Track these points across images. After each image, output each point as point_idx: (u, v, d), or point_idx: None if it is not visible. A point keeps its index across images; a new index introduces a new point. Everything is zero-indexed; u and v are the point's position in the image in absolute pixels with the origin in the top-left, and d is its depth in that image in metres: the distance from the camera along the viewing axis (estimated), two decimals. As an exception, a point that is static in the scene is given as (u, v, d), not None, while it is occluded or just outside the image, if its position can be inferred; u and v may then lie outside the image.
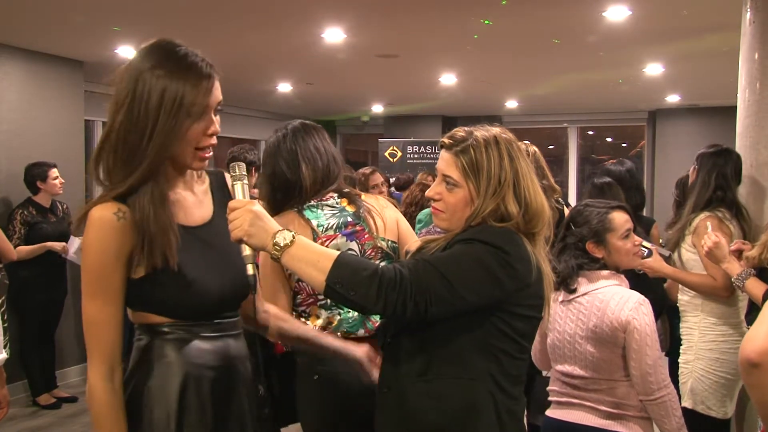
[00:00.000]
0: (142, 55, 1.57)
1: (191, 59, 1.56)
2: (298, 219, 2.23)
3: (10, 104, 5.46)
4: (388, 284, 1.50)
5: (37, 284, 5.10)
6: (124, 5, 4.29)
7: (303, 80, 7.38)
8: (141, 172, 1.53)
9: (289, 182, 2.28)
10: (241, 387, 1.66)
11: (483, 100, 8.91)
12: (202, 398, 1.58)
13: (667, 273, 3.13)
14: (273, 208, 2.26)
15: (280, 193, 2.29)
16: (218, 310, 1.64)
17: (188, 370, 1.58)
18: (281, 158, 2.30)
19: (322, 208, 2.26)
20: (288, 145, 2.30)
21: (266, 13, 4.48)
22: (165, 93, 1.51)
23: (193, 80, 1.53)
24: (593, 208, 2.41)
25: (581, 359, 2.31)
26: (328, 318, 2.22)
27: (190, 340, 1.59)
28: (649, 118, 9.88)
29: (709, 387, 3.06)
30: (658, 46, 5.49)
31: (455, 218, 1.73)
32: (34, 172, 5.15)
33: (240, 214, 1.53)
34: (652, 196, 9.43)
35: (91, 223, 1.52)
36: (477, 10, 4.44)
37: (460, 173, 1.70)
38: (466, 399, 1.65)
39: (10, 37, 5.24)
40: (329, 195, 2.30)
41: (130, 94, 1.53)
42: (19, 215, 5.01)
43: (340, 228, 2.24)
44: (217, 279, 1.61)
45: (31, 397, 5.28)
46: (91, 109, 6.28)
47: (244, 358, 1.69)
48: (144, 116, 1.52)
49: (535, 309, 1.70)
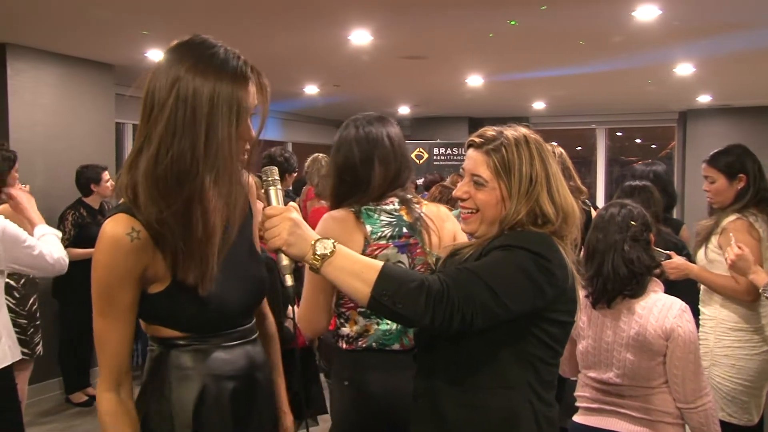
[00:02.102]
0: (176, 54, 1.44)
1: (228, 63, 1.44)
2: (354, 221, 2.11)
3: (45, 108, 5.56)
4: (436, 296, 1.44)
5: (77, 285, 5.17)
6: (151, 9, 4.35)
7: (330, 82, 7.41)
8: (198, 183, 1.40)
9: (358, 177, 2.14)
10: (260, 396, 1.62)
11: (510, 101, 8.86)
12: (222, 411, 1.53)
13: (693, 272, 3.04)
14: (335, 203, 2.18)
15: (346, 187, 2.16)
16: (237, 320, 1.58)
17: (206, 382, 1.52)
18: (355, 151, 2.15)
19: (380, 214, 2.14)
20: (364, 137, 2.16)
21: (293, 15, 4.51)
22: (219, 95, 1.39)
23: (241, 82, 1.43)
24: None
25: (618, 366, 2.27)
26: (365, 326, 2.15)
27: (208, 350, 1.53)
28: (680, 119, 9.74)
29: (728, 394, 2.98)
30: (689, 45, 5.41)
31: (486, 218, 1.68)
32: (89, 174, 5.20)
33: (278, 222, 1.45)
34: (683, 198, 9.29)
35: (102, 239, 1.42)
36: (504, 11, 4.42)
37: (491, 172, 1.66)
38: (506, 408, 1.61)
39: (44, 42, 5.35)
40: (391, 199, 2.17)
41: (172, 93, 1.39)
42: (70, 216, 5.08)
43: (394, 238, 2.12)
44: (235, 289, 1.54)
45: (64, 395, 5.38)
46: (121, 111, 6.38)
47: (262, 364, 1.65)
48: (191, 116, 1.38)
49: (570, 314, 1.67)
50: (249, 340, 1.62)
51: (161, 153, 1.40)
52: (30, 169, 5.11)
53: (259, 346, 1.67)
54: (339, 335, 2.19)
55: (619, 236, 2.30)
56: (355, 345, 2.14)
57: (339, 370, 2.19)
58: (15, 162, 4.08)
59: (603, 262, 2.29)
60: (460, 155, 9.49)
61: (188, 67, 1.41)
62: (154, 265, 1.45)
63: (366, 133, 2.16)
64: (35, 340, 4.11)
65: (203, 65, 1.41)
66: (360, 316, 2.14)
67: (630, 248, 2.28)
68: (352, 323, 2.16)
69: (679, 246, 3.26)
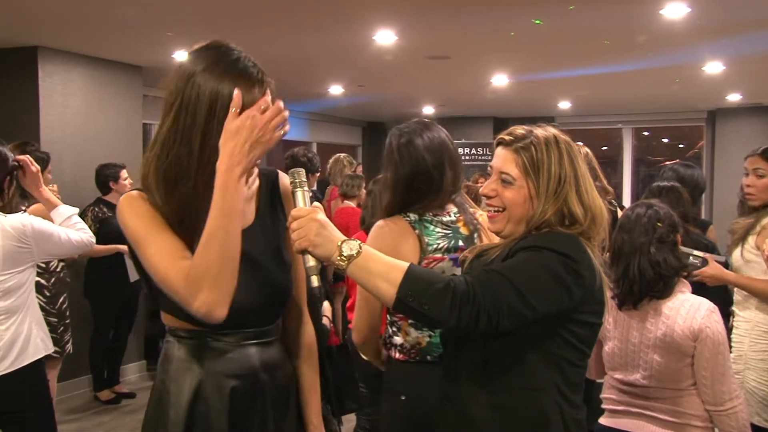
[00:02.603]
0: (194, 56, 1.50)
1: (243, 63, 1.48)
2: (411, 231, 2.08)
3: (75, 109, 5.65)
4: (462, 297, 1.44)
5: (108, 285, 5.26)
6: (176, 9, 4.40)
7: (354, 82, 7.42)
8: (190, 187, 1.46)
9: (431, 183, 2.11)
10: (267, 398, 1.60)
11: (535, 101, 8.81)
12: (219, 408, 1.54)
13: (729, 280, 2.94)
14: (393, 210, 2.14)
15: (415, 195, 2.12)
16: (247, 319, 1.57)
17: (203, 377, 1.54)
18: (427, 156, 2.12)
19: (436, 225, 2.11)
20: (430, 143, 2.13)
21: (318, 16, 4.52)
22: (217, 95, 1.44)
23: (245, 84, 1.45)
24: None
25: (645, 368, 2.25)
26: (417, 338, 2.12)
27: (208, 346, 1.55)
28: (708, 118, 9.61)
29: (764, 399, 2.89)
30: (718, 43, 5.33)
31: (513, 217, 1.67)
32: (107, 172, 5.30)
33: (304, 224, 1.45)
34: (711, 198, 9.17)
35: (121, 205, 1.51)
36: (529, 10, 4.40)
37: (519, 171, 1.65)
38: (534, 411, 1.60)
39: (74, 45, 5.43)
40: (448, 209, 2.15)
41: (179, 97, 1.47)
42: (90, 212, 5.18)
43: (450, 251, 2.09)
44: (247, 289, 1.52)
45: (92, 392, 5.46)
46: (148, 112, 6.45)
47: (273, 367, 1.62)
48: (191, 121, 1.45)
49: (597, 315, 1.65)
50: (262, 342, 1.61)
51: (162, 154, 1.49)
52: (60, 168, 5.20)
53: (275, 350, 1.64)
54: (391, 344, 2.16)
55: (645, 238, 2.27)
56: (408, 356, 2.12)
57: (393, 383, 2.15)
58: (48, 163, 4.15)
59: (629, 264, 2.26)
60: (485, 155, 9.46)
61: (201, 69, 1.46)
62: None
63: (431, 139, 2.15)
64: (65, 339, 4.18)
65: (211, 68, 1.46)
66: (411, 327, 2.11)
67: (656, 250, 2.25)
68: (404, 334, 2.13)
69: (709, 247, 3.20)
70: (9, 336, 2.63)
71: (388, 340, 2.18)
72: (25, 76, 5.37)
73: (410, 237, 2.08)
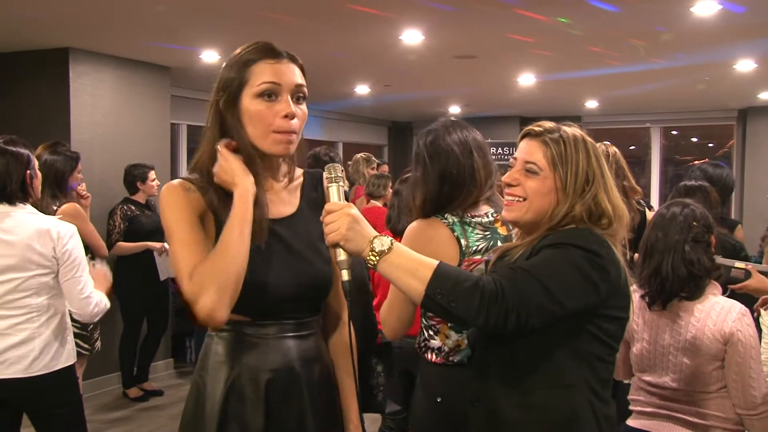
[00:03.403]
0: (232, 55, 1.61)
1: (268, 44, 1.58)
2: (449, 233, 2.06)
3: (105, 109, 5.73)
4: (490, 296, 1.44)
5: (138, 281, 5.33)
6: (205, 11, 4.43)
7: (381, 82, 7.43)
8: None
9: (462, 180, 2.09)
10: (304, 392, 1.61)
11: (562, 100, 8.74)
12: (254, 401, 1.55)
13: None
14: (431, 211, 2.12)
15: (448, 191, 2.10)
16: (282, 309, 1.59)
17: (239, 371, 1.57)
18: (458, 153, 2.10)
19: (475, 227, 2.09)
20: (463, 140, 2.13)
21: (345, 16, 4.54)
22: (232, 72, 1.56)
23: (261, 57, 1.56)
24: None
25: (674, 370, 2.22)
26: (457, 341, 2.09)
27: (245, 339, 1.58)
28: (739, 117, 9.45)
29: None
30: (750, 40, 5.25)
31: (533, 207, 1.66)
32: (135, 173, 5.39)
33: (337, 218, 1.46)
34: (741, 198, 9.03)
35: (162, 195, 1.57)
36: (554, 9, 4.36)
37: (547, 162, 1.65)
38: (566, 408, 1.60)
39: (104, 46, 5.51)
40: (485, 210, 2.12)
41: (212, 105, 1.59)
42: (119, 211, 5.27)
43: (489, 252, 2.04)
44: (281, 276, 1.56)
45: (122, 389, 5.53)
46: (175, 112, 6.52)
47: (310, 360, 1.64)
48: (214, 105, 1.58)
49: (624, 310, 1.65)
50: (299, 335, 1.62)
51: (199, 150, 1.62)
52: (89, 168, 5.27)
53: (313, 343, 1.66)
54: (428, 347, 2.14)
55: (680, 236, 2.24)
56: (446, 359, 2.10)
57: (430, 386, 2.14)
58: (78, 162, 4.21)
59: (662, 261, 2.24)
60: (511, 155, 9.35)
61: (232, 56, 1.59)
62: (207, 221, 1.56)
63: (459, 135, 2.14)
64: (94, 336, 4.24)
65: (243, 51, 1.59)
66: (451, 330, 2.09)
67: (691, 249, 2.22)
68: (442, 336, 2.11)
69: (737, 247, 3.15)
70: (46, 335, 2.67)
71: (424, 343, 2.16)
72: (57, 77, 5.46)
73: (449, 240, 2.06)
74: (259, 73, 1.55)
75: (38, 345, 2.65)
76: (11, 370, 2.61)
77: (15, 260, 2.61)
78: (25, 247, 2.62)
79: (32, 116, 5.51)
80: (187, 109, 7.18)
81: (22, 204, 2.69)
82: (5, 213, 2.65)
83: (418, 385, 2.20)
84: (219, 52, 5.58)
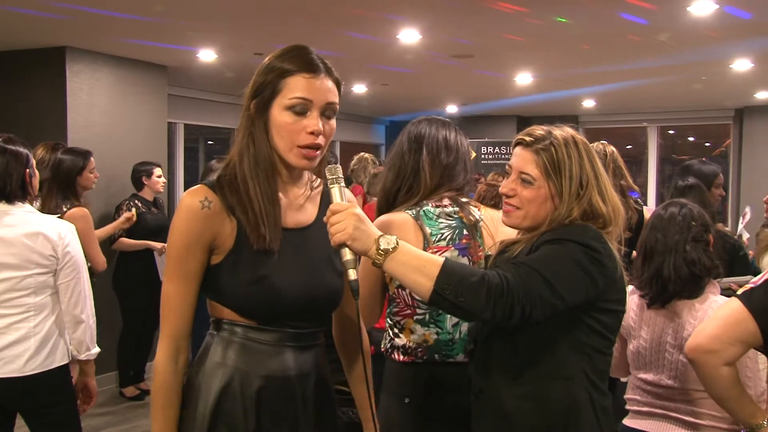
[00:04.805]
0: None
1: (307, 55, 1.56)
2: (413, 223, 2.06)
3: (102, 108, 5.72)
4: (496, 290, 1.49)
5: (136, 279, 5.31)
6: (200, 9, 4.43)
7: (378, 81, 7.42)
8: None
9: (406, 169, 2.14)
10: (298, 405, 1.59)
11: (559, 100, 8.74)
12: (246, 407, 1.54)
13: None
14: (388, 202, 2.16)
15: (401, 183, 2.15)
16: (291, 317, 1.58)
17: (233, 374, 1.56)
18: (404, 141, 2.17)
19: (439, 216, 2.09)
20: (418, 130, 2.17)
21: (343, 15, 4.53)
22: (267, 78, 1.54)
23: (298, 70, 1.53)
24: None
25: (670, 368, 2.23)
26: (424, 335, 2.05)
27: (244, 344, 1.57)
28: (736, 116, 9.46)
29: None
30: (747, 40, 5.25)
31: (530, 215, 1.72)
32: (141, 169, 5.41)
33: (343, 218, 1.47)
34: (738, 197, 9.05)
35: (180, 208, 1.56)
36: (552, 8, 4.36)
37: (540, 171, 1.69)
38: (566, 399, 1.65)
39: (101, 45, 5.50)
40: (447, 201, 2.12)
41: (244, 110, 1.58)
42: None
43: (454, 240, 2.06)
44: (292, 284, 1.55)
45: (118, 388, 5.52)
46: (173, 111, 6.50)
47: (308, 372, 1.62)
48: (246, 107, 1.57)
49: (620, 303, 1.72)
50: (299, 346, 1.61)
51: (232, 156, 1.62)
52: (86, 167, 5.26)
53: (312, 357, 1.64)
54: (394, 348, 2.10)
55: (680, 237, 2.24)
56: (414, 356, 2.06)
57: (395, 386, 2.09)
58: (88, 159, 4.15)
59: (663, 262, 2.24)
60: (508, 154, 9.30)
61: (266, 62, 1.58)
62: (222, 234, 1.55)
63: (425, 132, 2.17)
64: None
65: (279, 58, 1.57)
66: (417, 324, 2.06)
67: (691, 249, 2.23)
68: (407, 333, 2.07)
69: (736, 246, 3.16)
70: (42, 334, 2.66)
71: (390, 344, 2.12)
72: (53, 76, 5.45)
73: (413, 229, 2.05)
74: (293, 87, 1.53)
75: (34, 344, 2.64)
76: (6, 369, 2.60)
77: (13, 259, 2.61)
78: (23, 246, 2.61)
79: (29, 115, 5.50)
80: (184, 108, 7.17)
81: (21, 203, 2.69)
82: (4, 211, 2.65)
83: (382, 389, 2.14)
84: (216, 51, 5.57)
